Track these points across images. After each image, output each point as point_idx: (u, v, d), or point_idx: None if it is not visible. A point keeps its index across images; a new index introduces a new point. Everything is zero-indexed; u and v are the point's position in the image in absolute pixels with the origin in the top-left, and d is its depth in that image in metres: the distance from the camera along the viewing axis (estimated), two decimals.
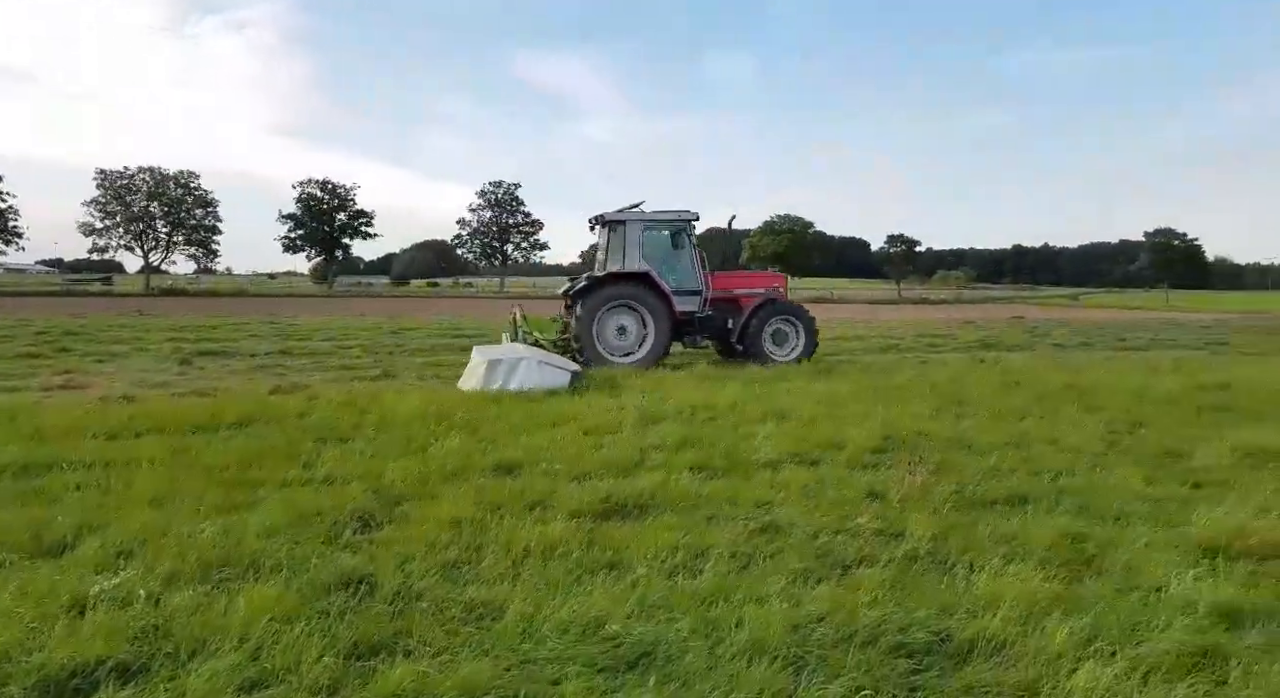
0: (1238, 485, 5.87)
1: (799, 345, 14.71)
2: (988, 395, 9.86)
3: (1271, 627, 3.41)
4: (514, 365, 10.46)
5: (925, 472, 6.00)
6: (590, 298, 13.60)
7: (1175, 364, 14.70)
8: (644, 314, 13.77)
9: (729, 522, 4.88)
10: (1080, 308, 55.15)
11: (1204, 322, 35.23)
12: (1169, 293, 77.65)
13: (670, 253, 14.48)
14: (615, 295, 13.67)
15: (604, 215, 14.38)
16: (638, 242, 13.98)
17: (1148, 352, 18.92)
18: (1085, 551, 4.44)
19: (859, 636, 3.28)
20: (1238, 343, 21.80)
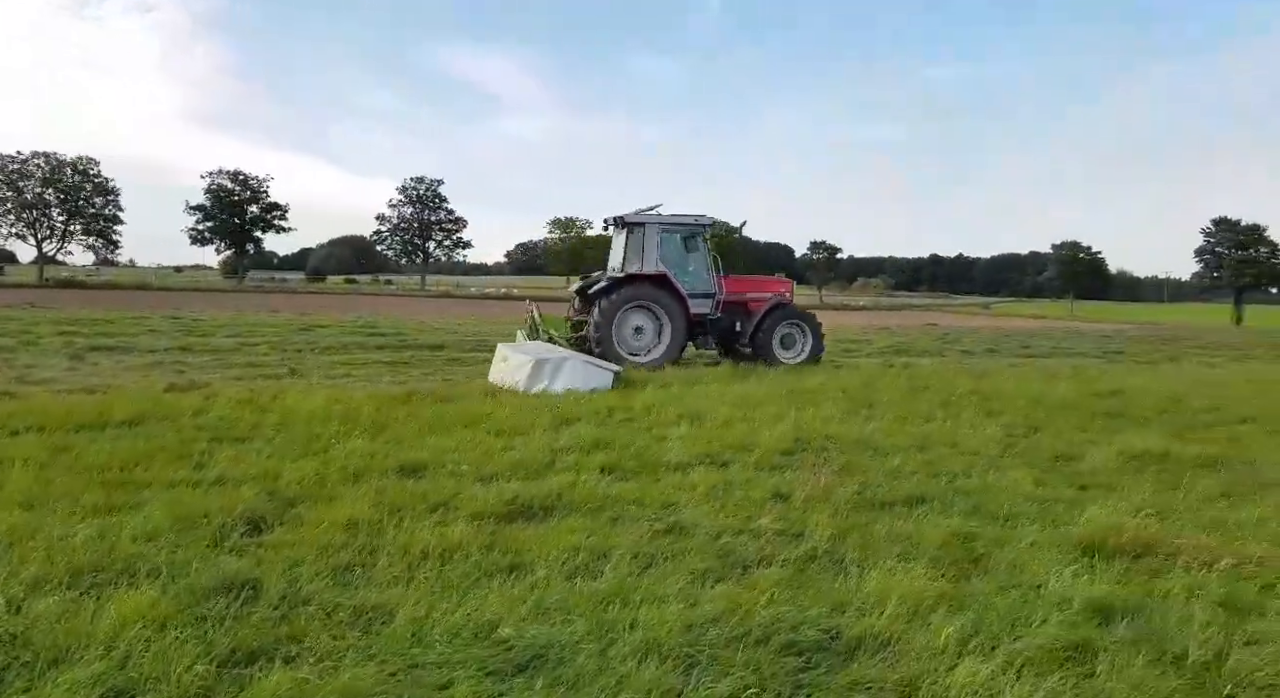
0: (1120, 487, 6.20)
1: (806, 349, 15.33)
2: (896, 399, 10.17)
3: (1139, 621, 3.61)
4: (559, 365, 10.60)
5: (830, 473, 6.15)
6: (611, 297, 13.77)
7: (1073, 372, 15.47)
8: (660, 315, 14.09)
9: (634, 523, 4.90)
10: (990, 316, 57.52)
11: (1104, 331, 37.15)
12: (1073, 303, 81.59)
13: (685, 256, 14.85)
14: (634, 296, 13.92)
15: (624, 217, 14.59)
16: (656, 244, 14.30)
17: (1049, 359, 19.84)
18: (974, 550, 4.62)
19: (752, 635, 3.34)
20: (1132, 352, 23.09)
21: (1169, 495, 5.99)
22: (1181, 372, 16.47)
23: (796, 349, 15.39)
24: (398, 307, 38.20)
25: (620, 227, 14.79)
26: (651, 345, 14.17)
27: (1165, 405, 10.54)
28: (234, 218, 70.56)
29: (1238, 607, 3.86)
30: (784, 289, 16.29)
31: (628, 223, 14.58)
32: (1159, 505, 5.63)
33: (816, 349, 15.53)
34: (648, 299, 14.06)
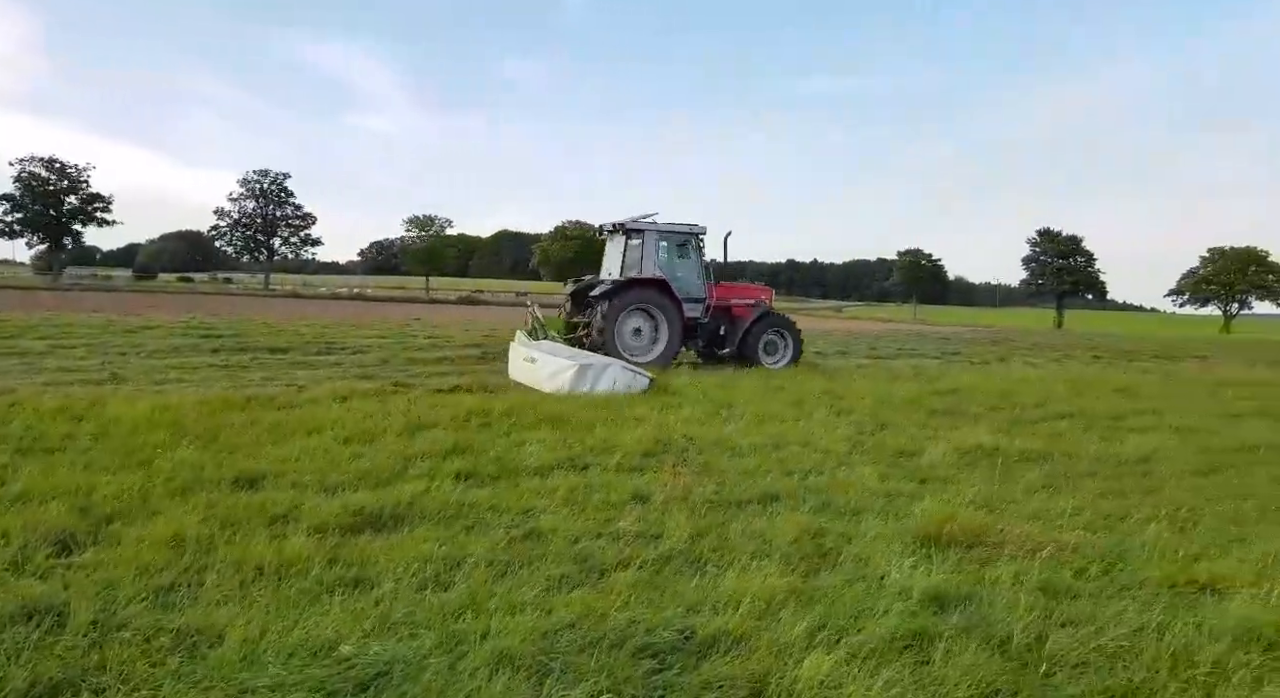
0: (955, 480, 6.64)
1: (787, 355, 16.35)
2: (753, 400, 10.48)
3: (970, 609, 3.86)
4: (602, 370, 11.24)
5: (689, 474, 6.26)
6: (614, 300, 14.42)
7: (915, 372, 16.48)
8: (658, 318, 14.90)
9: (490, 530, 4.80)
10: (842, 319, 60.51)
11: (943, 333, 39.83)
12: (916, 307, 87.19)
13: (679, 262, 15.66)
14: (635, 299, 14.63)
15: (625, 224, 15.23)
16: (654, 250, 15.15)
17: (894, 360, 21.06)
18: (824, 545, 4.81)
19: (607, 639, 3.33)
20: (967, 353, 24.85)
21: (998, 487, 6.45)
22: (1010, 371, 17.85)
23: (778, 355, 16.32)
24: (238, 306, 35.93)
25: (620, 233, 15.43)
26: (649, 347, 14.85)
27: (996, 403, 11.39)
28: (49, 209, 64.37)
29: (1056, 591, 4.20)
30: (765, 296, 17.17)
31: (629, 229, 15.21)
32: (989, 497, 6.06)
33: (795, 354, 16.45)
34: (647, 303, 14.77)
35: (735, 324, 16.04)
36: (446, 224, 77.92)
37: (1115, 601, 4.08)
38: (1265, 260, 70.17)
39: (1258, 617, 3.82)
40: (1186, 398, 12.94)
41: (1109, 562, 4.72)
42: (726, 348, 16.02)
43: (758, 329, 16.04)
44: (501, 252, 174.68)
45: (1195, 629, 3.68)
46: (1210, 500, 6.30)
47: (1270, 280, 69.35)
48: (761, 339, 16.15)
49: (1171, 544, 5.05)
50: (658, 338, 14.97)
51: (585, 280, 15.79)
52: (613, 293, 14.57)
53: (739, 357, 15.84)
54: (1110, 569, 4.61)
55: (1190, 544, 5.09)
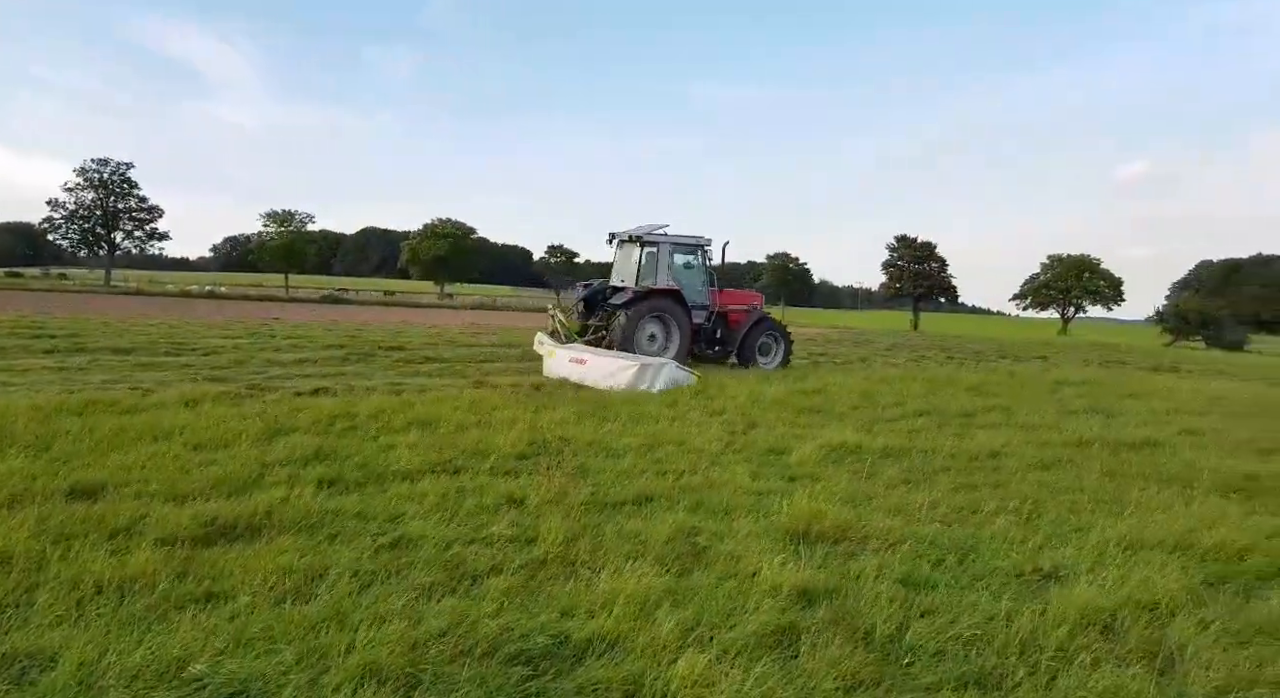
0: (822, 478, 6.89)
1: (779, 356, 17.87)
2: (629, 401, 10.55)
3: (836, 603, 4.01)
4: (660, 369, 12.44)
5: (565, 476, 6.23)
6: (635, 308, 15.58)
7: (783, 372, 17.00)
8: (670, 324, 16.06)
9: (355, 539, 4.61)
10: None
11: (809, 335, 41.39)
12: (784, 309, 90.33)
13: (687, 271, 16.87)
14: (654, 307, 15.78)
15: (640, 236, 16.31)
16: (668, 262, 16.33)
17: None
18: (698, 544, 4.89)
19: (479, 647, 3.26)
20: (832, 354, 25.90)
21: (862, 484, 6.75)
22: (871, 372, 18.71)
23: (771, 356, 17.80)
24: (75, 304, 33.11)
25: (634, 243, 16.55)
26: (661, 351, 15.86)
27: (858, 402, 11.89)
28: None
29: (916, 583, 4.42)
30: (757, 302, 18.43)
31: (644, 242, 16.33)
32: (853, 493, 6.32)
33: (786, 355, 18.01)
34: (662, 311, 15.98)
35: (734, 328, 17.32)
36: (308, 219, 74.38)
37: (969, 591, 4.34)
38: (1097, 268, 76.75)
39: (1096, 602, 4.15)
40: (1030, 396, 13.91)
41: (963, 553, 5.01)
42: (726, 350, 17.28)
43: (755, 333, 17.42)
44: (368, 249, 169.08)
45: (1041, 616, 3.95)
46: (1052, 493, 6.78)
47: (1101, 286, 75.89)
48: (758, 342, 17.55)
49: (1018, 535, 5.41)
50: (670, 342, 16.20)
51: (594, 286, 17.05)
52: (633, 302, 15.77)
53: (738, 358, 17.20)
54: (965, 560, 4.90)
55: (1035, 535, 5.46)
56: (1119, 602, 4.16)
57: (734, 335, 17.25)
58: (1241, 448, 9.39)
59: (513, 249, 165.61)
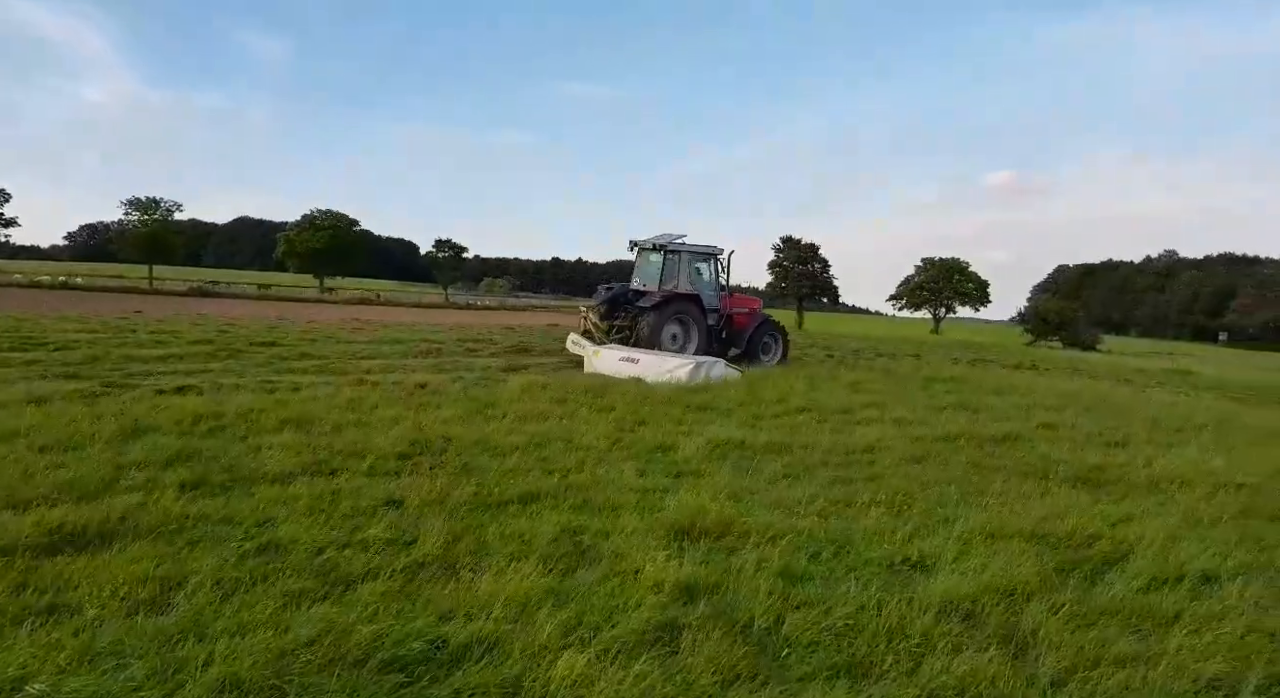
0: (707, 473, 7.00)
1: (777, 354, 19.84)
2: (515, 398, 10.43)
3: (716, 598, 4.08)
4: (712, 366, 14.00)
5: (447, 476, 6.09)
6: (661, 311, 17.39)
7: None
8: (691, 325, 17.91)
9: (219, 545, 4.38)
10: None
11: None
12: None
13: (701, 277, 18.77)
14: (675, 311, 17.65)
15: (663, 244, 18.09)
16: (688, 269, 18.26)
17: None
18: (582, 542, 4.88)
19: (350, 655, 3.15)
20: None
21: (744, 479, 6.89)
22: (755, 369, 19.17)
23: (771, 354, 19.77)
24: None
25: (656, 250, 18.39)
26: (682, 348, 17.66)
27: (744, 398, 12.06)
28: None
29: (793, 575, 4.55)
30: (756, 306, 20.21)
31: (667, 250, 18.11)
32: (736, 488, 6.45)
33: (784, 353, 20.09)
34: (684, 313, 17.82)
35: (739, 329, 19.23)
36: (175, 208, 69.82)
37: (843, 582, 4.49)
38: (966, 270, 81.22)
39: (959, 589, 4.38)
40: (903, 393, 14.55)
41: (839, 545, 5.18)
42: (733, 349, 19.06)
43: (758, 333, 19.44)
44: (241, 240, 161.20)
45: (908, 605, 4.13)
46: (922, 485, 7.10)
47: (969, 288, 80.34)
48: (760, 342, 19.51)
49: (890, 526, 5.64)
50: (689, 341, 18.00)
51: (616, 289, 18.83)
52: (660, 305, 17.55)
53: (745, 355, 18.97)
54: (840, 552, 5.07)
55: (905, 526, 5.69)
56: (980, 589, 4.40)
57: (741, 335, 19.19)
58: (1091, 441, 10.11)
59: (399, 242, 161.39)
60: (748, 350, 19.20)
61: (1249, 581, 4.82)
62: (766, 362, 19.37)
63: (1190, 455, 9.09)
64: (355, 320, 28.19)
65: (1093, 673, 3.52)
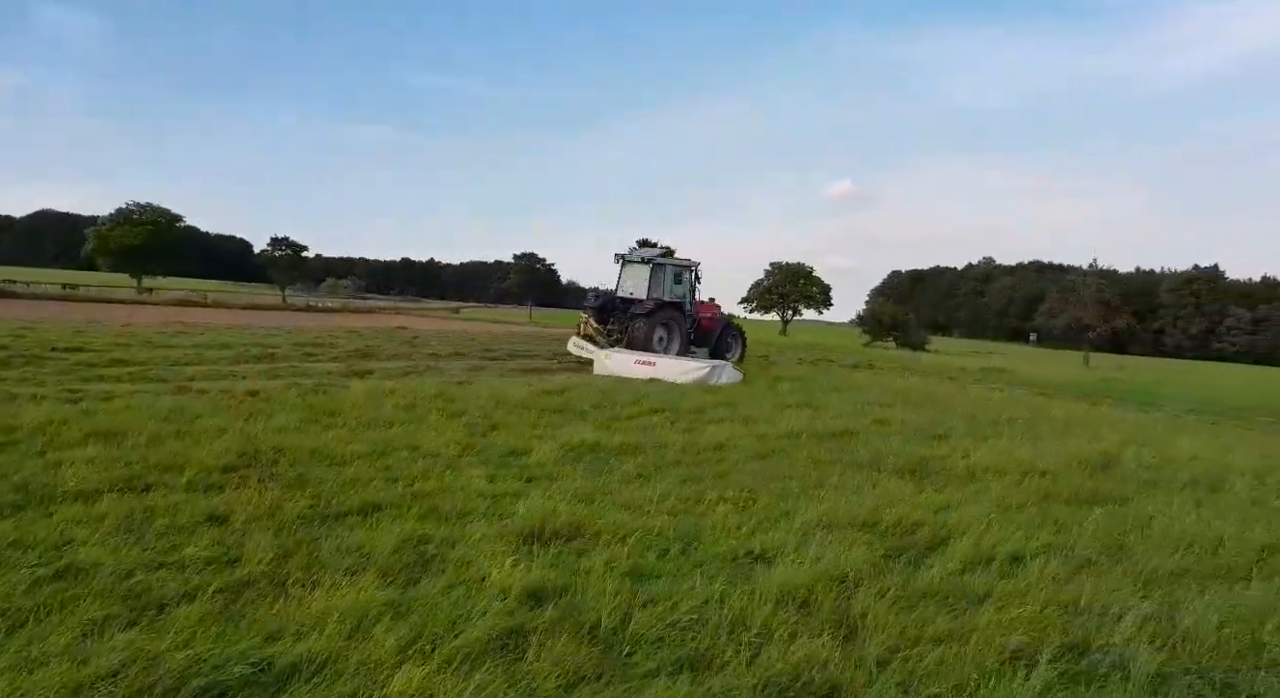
0: (560, 476, 6.98)
1: (737, 352, 22.91)
2: (358, 404, 10.02)
3: (564, 601, 4.07)
4: (723, 369, 16.89)
5: (278, 488, 5.77)
6: (652, 317, 20.36)
7: (525, 373, 17.10)
8: (674, 329, 20.82)
9: (8, 572, 3.94)
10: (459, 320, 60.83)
11: (558, 335, 41.98)
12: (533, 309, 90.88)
13: (678, 286, 21.64)
14: (663, 317, 20.61)
15: (650, 258, 21.32)
16: (670, 279, 21.40)
17: (508, 362, 21.66)
18: (427, 552, 4.74)
19: (160, 684, 2.92)
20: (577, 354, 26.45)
21: (597, 480, 6.92)
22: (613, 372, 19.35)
23: (733, 353, 22.65)
24: None
25: (643, 263, 21.40)
26: (666, 349, 20.22)
27: (599, 401, 12.20)
28: None
29: (642, 574, 4.62)
30: (720, 312, 23.74)
31: (654, 263, 21.32)
32: (589, 490, 6.47)
33: (743, 352, 23.22)
34: (670, 319, 20.79)
35: (706, 332, 22.39)
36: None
37: (690, 577, 4.59)
38: (810, 275, 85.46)
39: (796, 579, 4.57)
40: (752, 392, 15.11)
41: (687, 542, 5.30)
42: (702, 348, 22.01)
43: (723, 335, 22.63)
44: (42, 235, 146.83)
45: (749, 596, 4.28)
46: (766, 481, 7.38)
47: (814, 292, 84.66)
48: (724, 342, 22.61)
49: (735, 522, 5.83)
50: (672, 343, 20.74)
51: (603, 297, 21.38)
52: (652, 312, 20.52)
53: (713, 355, 21.34)
54: (688, 549, 5.19)
55: (750, 520, 5.91)
56: (816, 577, 4.61)
57: (708, 337, 22.38)
58: (918, 435, 10.84)
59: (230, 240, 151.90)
60: (715, 350, 22.19)
61: (1049, 559, 5.31)
62: (729, 358, 22.01)
63: (1003, 446, 9.93)
64: (178, 323, 26.20)
65: (913, 651, 3.76)
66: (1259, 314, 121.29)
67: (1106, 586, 4.86)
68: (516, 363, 21.08)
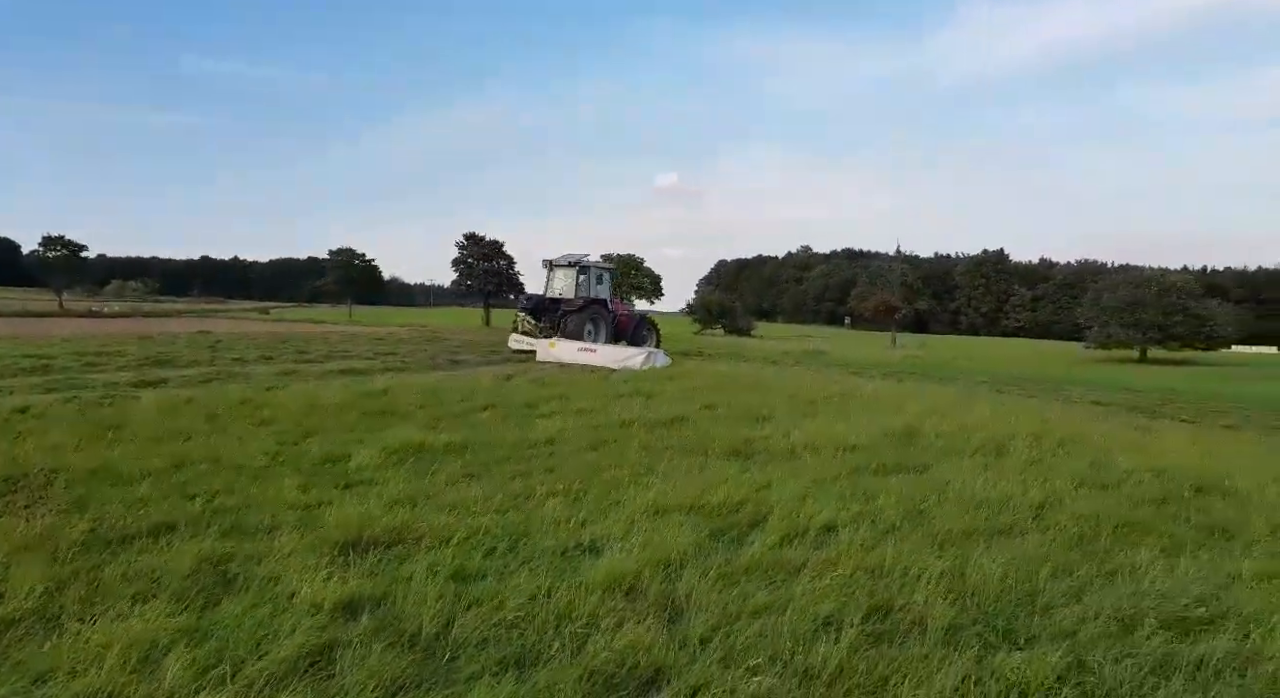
0: (381, 481, 6.72)
1: (652, 344, 25.56)
2: (150, 417, 9.22)
3: (380, 611, 3.93)
4: (657, 355, 20.59)
5: (51, 513, 5.20)
6: (583, 313, 24.15)
7: (343, 374, 16.35)
8: (600, 323, 24.62)
9: None
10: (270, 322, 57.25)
11: (379, 334, 40.38)
12: (352, 308, 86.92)
13: (601, 286, 25.78)
14: (592, 313, 24.44)
15: (577, 261, 25.13)
16: (594, 280, 25.56)
17: (324, 364, 20.62)
18: (229, 571, 4.43)
19: None
20: (403, 353, 25.57)
21: (422, 483, 6.71)
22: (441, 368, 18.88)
23: (649, 343, 25.47)
24: None
25: (570, 267, 25.19)
26: (594, 341, 23.12)
27: (425, 400, 11.85)
28: None
29: (467, 576, 4.52)
30: (633, 309, 29.09)
31: (581, 266, 25.13)
32: (412, 493, 6.27)
33: (657, 343, 25.98)
34: (597, 314, 24.64)
35: (624, 326, 25.78)
36: None
37: (517, 575, 4.55)
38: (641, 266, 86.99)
39: (623, 567, 4.64)
40: (585, 385, 15.16)
41: (515, 539, 5.25)
42: (621, 341, 24.66)
43: (638, 329, 26.14)
44: None
45: (577, 588, 4.30)
46: (597, 471, 7.43)
47: (644, 282, 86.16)
48: (639, 333, 25.89)
49: (565, 514, 5.83)
50: (599, 335, 24.26)
51: (534, 300, 25.29)
52: (582, 309, 24.27)
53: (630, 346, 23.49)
54: (516, 546, 5.14)
55: (580, 512, 5.93)
56: (642, 564, 4.70)
57: (625, 330, 25.64)
58: (744, 417, 11.29)
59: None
60: (632, 341, 25.05)
61: (858, 527, 5.68)
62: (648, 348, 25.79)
63: (819, 424, 10.52)
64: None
65: (734, 626, 3.92)
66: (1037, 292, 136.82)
67: (908, 548, 5.27)
68: (335, 364, 20.09)
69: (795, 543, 5.36)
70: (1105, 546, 5.73)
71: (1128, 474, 8.22)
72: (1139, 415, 16.63)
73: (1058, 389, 22.18)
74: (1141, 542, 5.82)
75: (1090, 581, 4.93)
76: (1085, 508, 6.62)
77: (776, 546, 5.26)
